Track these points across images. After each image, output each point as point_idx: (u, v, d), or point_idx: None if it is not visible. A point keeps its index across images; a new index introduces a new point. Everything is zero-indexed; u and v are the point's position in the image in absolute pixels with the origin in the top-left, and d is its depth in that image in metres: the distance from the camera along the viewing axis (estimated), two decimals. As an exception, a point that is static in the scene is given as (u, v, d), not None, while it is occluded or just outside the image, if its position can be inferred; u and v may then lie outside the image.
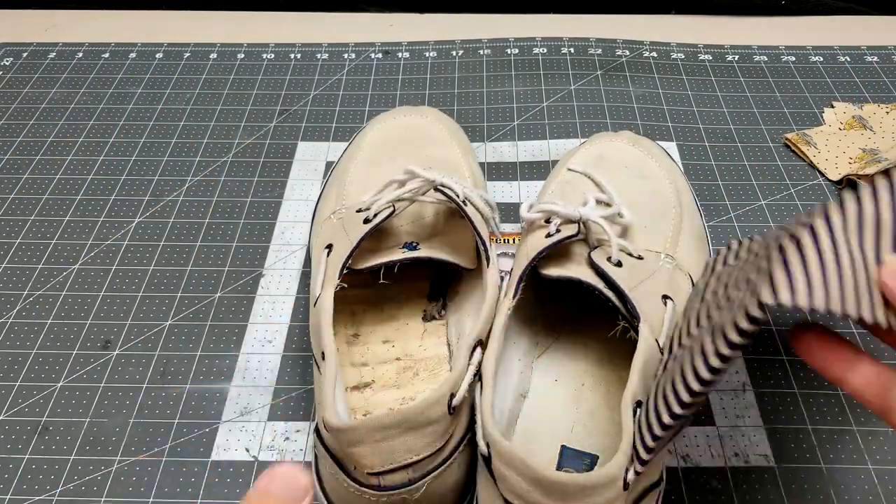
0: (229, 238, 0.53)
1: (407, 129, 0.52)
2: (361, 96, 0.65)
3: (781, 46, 0.70)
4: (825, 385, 0.44)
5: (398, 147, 0.50)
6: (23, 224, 0.54)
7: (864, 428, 0.42)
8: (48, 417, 0.43)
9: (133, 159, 0.59)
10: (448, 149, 0.51)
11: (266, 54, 0.70)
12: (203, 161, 0.59)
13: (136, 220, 0.55)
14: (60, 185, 0.57)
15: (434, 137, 0.52)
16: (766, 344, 0.46)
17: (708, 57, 0.69)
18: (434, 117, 0.53)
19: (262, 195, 0.56)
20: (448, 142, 0.51)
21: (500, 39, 0.71)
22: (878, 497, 0.39)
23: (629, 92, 0.64)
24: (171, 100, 0.65)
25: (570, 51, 0.69)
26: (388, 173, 0.45)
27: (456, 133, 0.53)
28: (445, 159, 0.50)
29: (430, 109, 0.54)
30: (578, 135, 0.60)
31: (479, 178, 0.50)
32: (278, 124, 0.63)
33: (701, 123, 0.61)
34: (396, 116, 0.53)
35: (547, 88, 0.65)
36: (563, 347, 0.42)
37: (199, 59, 0.70)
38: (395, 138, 0.51)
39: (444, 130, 0.52)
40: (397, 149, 0.50)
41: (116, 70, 0.69)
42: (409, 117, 0.53)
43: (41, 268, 0.51)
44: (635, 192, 0.45)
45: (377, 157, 0.50)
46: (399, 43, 0.71)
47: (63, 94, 0.66)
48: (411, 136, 0.51)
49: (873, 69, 0.67)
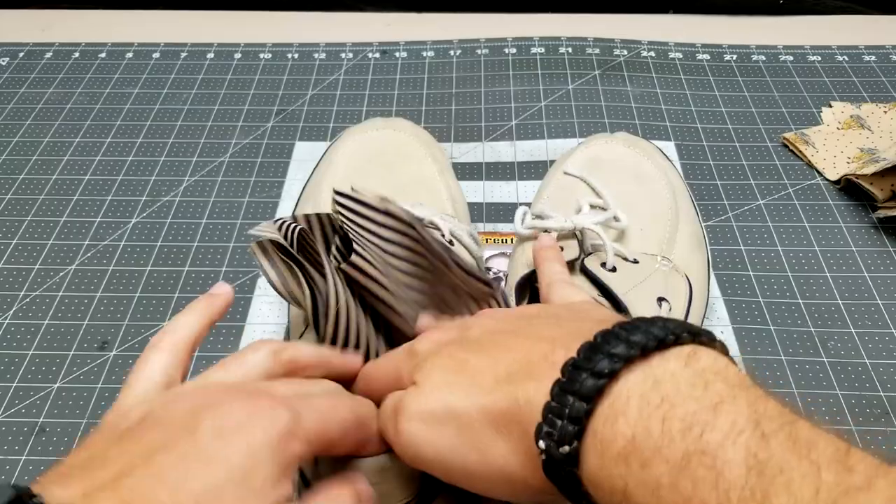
0: (227, 238, 0.53)
1: (381, 144, 0.51)
2: (359, 96, 0.65)
3: (779, 46, 0.69)
4: (823, 385, 0.44)
5: (372, 165, 0.49)
6: (19, 224, 0.54)
7: (862, 427, 0.42)
8: (45, 419, 0.43)
9: (130, 160, 0.59)
10: (423, 165, 0.50)
11: (263, 54, 0.70)
12: (200, 161, 0.59)
13: (133, 221, 0.54)
14: (57, 186, 0.57)
15: (409, 154, 0.50)
16: (764, 344, 0.46)
17: (706, 56, 0.69)
18: (408, 131, 0.52)
19: (259, 195, 0.56)
20: (423, 158, 0.50)
21: (497, 39, 0.71)
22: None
23: (627, 91, 0.64)
24: (167, 100, 0.65)
25: (567, 50, 0.69)
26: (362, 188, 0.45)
27: (430, 147, 0.52)
28: (421, 178, 0.49)
29: (402, 122, 0.53)
30: (576, 134, 0.59)
31: (456, 196, 0.49)
32: (275, 124, 0.62)
33: (699, 123, 0.61)
34: (369, 130, 0.52)
35: (545, 88, 0.65)
36: None
37: (195, 59, 0.70)
38: (369, 154, 0.50)
39: (418, 145, 0.51)
40: (371, 167, 0.49)
41: (113, 70, 0.68)
42: (382, 131, 0.52)
43: (38, 268, 0.51)
44: (631, 194, 0.45)
45: (351, 175, 0.48)
46: (397, 43, 0.71)
47: (60, 94, 0.66)
48: (385, 152, 0.50)
49: (871, 69, 0.67)
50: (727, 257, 0.51)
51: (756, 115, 0.62)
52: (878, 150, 0.57)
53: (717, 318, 0.47)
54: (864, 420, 0.42)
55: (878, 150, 0.57)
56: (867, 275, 0.49)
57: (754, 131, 0.61)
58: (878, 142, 0.58)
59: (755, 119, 0.62)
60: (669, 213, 0.45)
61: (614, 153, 0.48)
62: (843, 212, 0.54)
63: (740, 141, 0.60)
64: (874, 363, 0.45)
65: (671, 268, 0.42)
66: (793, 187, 0.56)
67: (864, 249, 0.51)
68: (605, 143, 0.49)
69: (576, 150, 0.49)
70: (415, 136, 0.52)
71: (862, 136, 0.59)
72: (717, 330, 0.46)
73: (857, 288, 0.49)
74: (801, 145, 0.58)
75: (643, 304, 0.38)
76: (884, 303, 0.48)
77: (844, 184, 0.55)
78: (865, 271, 0.50)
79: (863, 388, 0.43)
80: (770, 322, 0.47)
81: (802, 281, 0.49)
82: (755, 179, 0.56)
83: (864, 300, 0.48)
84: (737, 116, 0.62)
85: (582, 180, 0.46)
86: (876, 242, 0.52)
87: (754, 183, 0.56)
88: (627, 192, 0.45)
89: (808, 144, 0.58)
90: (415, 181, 0.48)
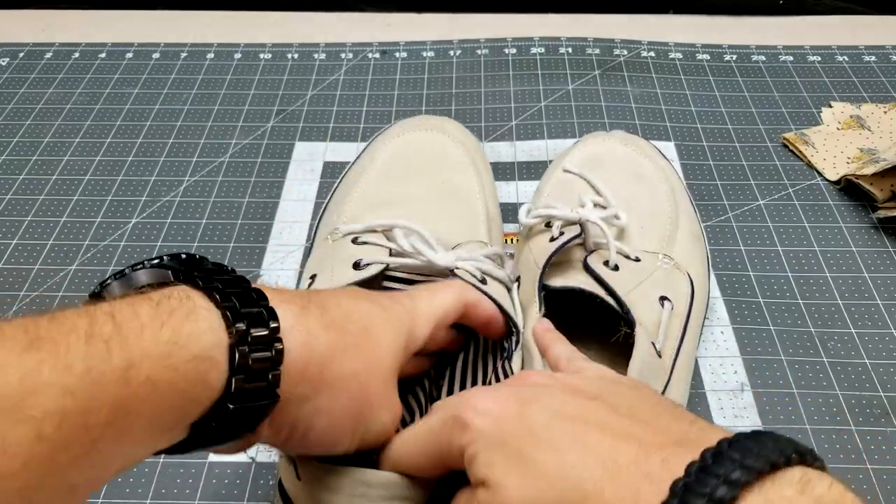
0: (226, 239, 0.53)
1: (425, 146, 0.48)
2: (359, 96, 0.65)
3: (779, 46, 0.69)
4: (823, 385, 0.44)
5: (412, 168, 0.47)
6: (19, 225, 0.54)
7: (862, 428, 0.42)
8: (45, 419, 0.43)
9: (130, 160, 0.59)
10: (465, 176, 0.47)
11: (263, 54, 0.70)
12: (200, 161, 0.59)
13: (134, 221, 0.54)
14: (57, 186, 0.57)
15: (453, 161, 0.47)
16: (764, 344, 0.46)
17: (706, 57, 0.69)
18: (454, 135, 0.49)
19: (259, 196, 0.56)
20: (466, 168, 0.47)
21: (497, 39, 0.71)
22: (877, 497, 0.39)
23: (627, 92, 0.64)
24: (167, 100, 0.65)
25: (567, 50, 0.69)
26: (398, 197, 0.43)
27: (475, 155, 0.49)
28: (459, 189, 0.46)
29: (451, 123, 0.50)
30: (576, 135, 0.59)
31: (493, 214, 0.46)
32: (275, 125, 0.62)
33: (699, 123, 0.61)
34: (417, 129, 0.49)
35: (545, 88, 0.65)
36: None
37: (196, 60, 0.70)
38: (411, 156, 0.48)
39: (463, 153, 0.48)
40: (411, 170, 0.47)
41: (113, 70, 0.68)
42: (429, 133, 0.49)
43: (38, 268, 0.51)
44: (630, 192, 0.45)
45: (389, 174, 0.47)
46: (397, 43, 0.71)
47: (60, 94, 0.66)
48: (428, 155, 0.48)
49: (871, 69, 0.67)
50: (727, 257, 0.51)
51: (756, 115, 0.62)
52: (877, 150, 0.57)
53: (717, 319, 0.47)
54: (864, 420, 0.42)
55: (877, 150, 0.57)
56: (867, 275, 0.49)
57: (754, 131, 0.61)
58: (878, 142, 0.58)
59: (755, 119, 0.62)
60: (669, 211, 0.45)
61: (612, 151, 0.48)
62: (843, 212, 0.54)
63: (740, 141, 0.60)
64: (874, 363, 0.45)
65: (672, 266, 0.42)
66: (793, 187, 0.56)
67: (864, 250, 0.51)
68: (602, 141, 0.49)
69: (573, 148, 0.49)
70: (460, 142, 0.48)
71: (862, 137, 0.59)
72: (718, 330, 0.46)
73: (857, 288, 0.49)
74: (801, 145, 0.58)
75: (646, 304, 0.38)
76: (884, 303, 0.48)
77: (844, 184, 0.55)
78: (865, 271, 0.50)
79: (863, 388, 0.43)
80: (770, 322, 0.47)
81: (802, 281, 0.49)
82: (755, 180, 0.56)
83: (864, 300, 0.48)
84: (737, 116, 0.62)
85: (581, 177, 0.46)
86: (876, 243, 0.52)
87: (754, 183, 0.56)
88: (627, 191, 0.45)
89: (808, 145, 0.58)
90: (454, 195, 0.45)
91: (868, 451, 0.41)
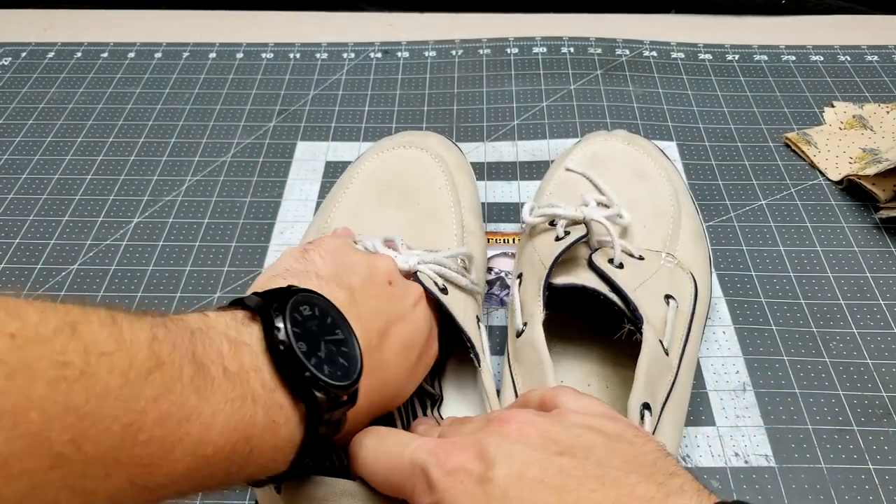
0: (228, 238, 0.53)
1: (402, 165, 0.48)
2: (361, 96, 0.65)
3: (782, 46, 0.69)
4: (825, 385, 0.44)
5: (387, 188, 0.46)
6: (21, 224, 0.54)
7: (864, 428, 0.42)
8: (47, 418, 0.43)
9: (132, 159, 0.59)
10: (437, 197, 0.46)
11: (265, 54, 0.70)
12: (202, 161, 0.59)
13: (135, 221, 0.55)
14: (59, 185, 0.57)
15: (427, 182, 0.47)
16: (766, 344, 0.46)
17: (708, 56, 0.69)
18: (434, 150, 0.48)
19: (261, 195, 0.56)
20: (441, 187, 0.46)
21: (499, 39, 0.71)
22: (878, 497, 0.39)
23: (629, 91, 0.64)
24: (169, 99, 0.65)
25: (569, 50, 0.69)
26: (370, 220, 0.43)
27: (454, 170, 0.48)
28: (433, 210, 0.45)
29: (433, 138, 0.49)
30: (578, 134, 0.59)
31: (472, 228, 0.46)
32: (277, 124, 0.62)
33: (701, 123, 0.61)
34: (395, 148, 0.49)
35: (546, 88, 0.65)
36: (567, 348, 0.42)
37: (198, 59, 0.70)
38: (387, 176, 0.47)
39: (439, 172, 0.47)
40: (386, 191, 0.46)
41: (115, 70, 0.69)
42: (408, 150, 0.48)
43: (40, 268, 0.51)
44: (633, 191, 0.45)
45: (364, 194, 0.46)
46: (398, 42, 0.71)
47: (62, 93, 0.66)
48: (404, 175, 0.47)
49: (874, 68, 0.67)
50: (729, 257, 0.51)
51: (758, 114, 0.62)
52: (880, 150, 0.57)
53: (718, 319, 0.47)
54: (866, 420, 0.42)
55: (880, 150, 0.57)
56: (869, 275, 0.49)
57: (756, 131, 0.61)
58: (881, 142, 0.58)
59: (757, 119, 0.62)
60: (672, 210, 0.45)
61: (614, 150, 0.48)
62: (845, 212, 0.54)
63: (742, 141, 0.60)
64: (876, 363, 0.45)
65: (675, 264, 0.42)
66: (795, 187, 0.56)
67: (866, 250, 0.51)
68: (604, 140, 0.49)
69: (575, 148, 0.49)
70: (440, 159, 0.48)
71: (864, 137, 0.59)
72: (720, 330, 0.46)
73: (859, 288, 0.49)
74: (803, 145, 0.58)
75: (651, 302, 0.38)
76: (886, 303, 0.48)
77: (846, 184, 0.55)
78: (867, 272, 0.50)
79: (865, 388, 0.43)
80: (772, 322, 0.47)
81: (804, 281, 0.49)
82: (757, 179, 0.56)
83: (866, 300, 0.48)
84: (739, 116, 0.62)
85: (584, 176, 0.46)
86: (878, 243, 0.52)
87: (756, 183, 0.56)
88: (629, 189, 0.45)
89: (811, 144, 0.58)
90: (427, 213, 0.45)
91: (870, 451, 0.41)
